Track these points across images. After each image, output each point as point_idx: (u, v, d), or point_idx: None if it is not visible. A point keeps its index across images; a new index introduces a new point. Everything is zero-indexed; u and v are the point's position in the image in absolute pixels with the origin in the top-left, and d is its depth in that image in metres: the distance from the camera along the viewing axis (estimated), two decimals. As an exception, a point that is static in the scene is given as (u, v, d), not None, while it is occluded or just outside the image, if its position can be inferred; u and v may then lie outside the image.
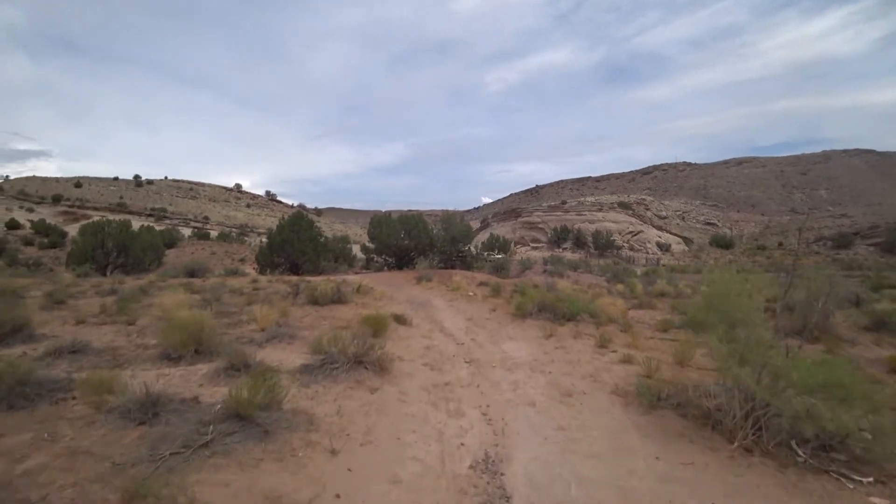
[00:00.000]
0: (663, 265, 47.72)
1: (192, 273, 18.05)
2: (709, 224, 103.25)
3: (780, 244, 69.76)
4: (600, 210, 57.65)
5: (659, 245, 56.32)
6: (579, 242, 53.54)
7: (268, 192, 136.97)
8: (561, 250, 52.19)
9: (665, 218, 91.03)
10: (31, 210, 73.67)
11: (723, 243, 65.83)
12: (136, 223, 61.20)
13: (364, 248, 24.90)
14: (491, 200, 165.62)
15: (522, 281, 18.44)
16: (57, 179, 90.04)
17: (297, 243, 19.51)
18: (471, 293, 12.51)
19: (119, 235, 33.62)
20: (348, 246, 35.85)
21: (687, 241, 63.27)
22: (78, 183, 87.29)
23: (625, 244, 55.09)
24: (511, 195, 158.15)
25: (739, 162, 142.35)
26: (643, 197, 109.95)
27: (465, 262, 21.89)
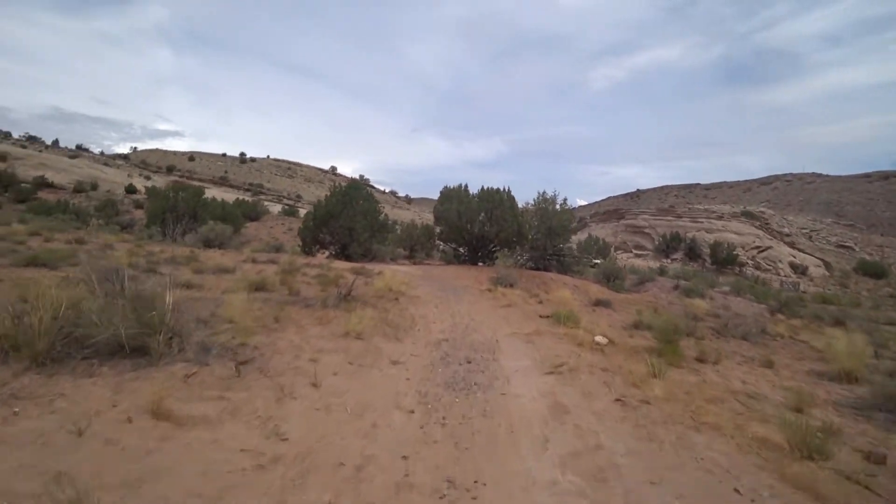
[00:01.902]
0: (803, 291, 37.78)
1: (207, 242, 14.28)
2: (843, 247, 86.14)
3: (954, 279, 54.61)
4: (720, 218, 47.85)
5: (793, 266, 45.62)
6: (692, 254, 44.71)
7: (361, 177, 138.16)
8: (670, 261, 43.91)
9: (789, 235, 76.85)
10: (148, 178, 78.31)
11: (874, 271, 52.51)
12: (234, 195, 61.98)
13: (423, 230, 19.24)
14: (586, 203, 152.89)
15: (651, 300, 12.09)
16: (175, 153, 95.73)
17: (345, 218, 14.68)
18: (599, 338, 6.06)
19: (191, 201, 31.63)
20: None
21: (826, 264, 51.27)
22: (191, 157, 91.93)
23: (749, 261, 45.28)
24: (609, 198, 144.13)
25: (885, 176, 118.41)
26: (762, 209, 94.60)
27: (562, 263, 15.86)
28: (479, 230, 14.44)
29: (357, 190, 16.17)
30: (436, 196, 16.24)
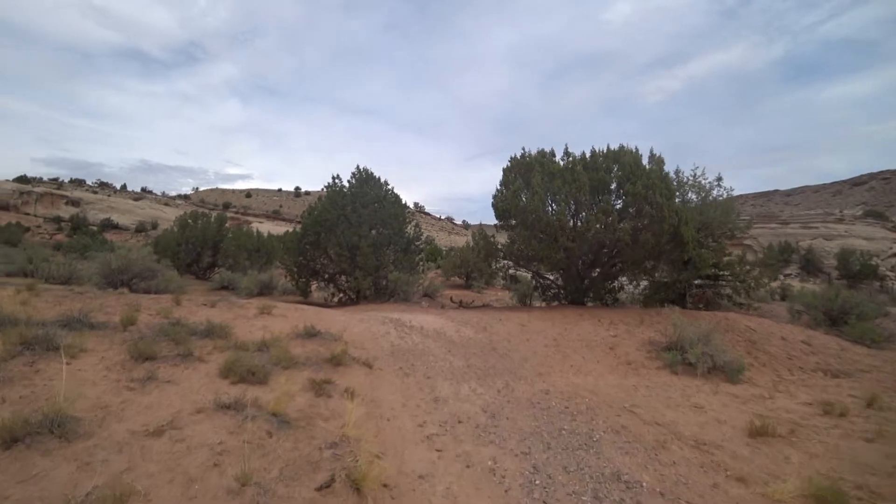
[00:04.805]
0: None
1: (113, 283, 8.27)
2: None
3: None
4: (841, 221, 37.73)
5: (952, 276, 34.79)
6: (811, 266, 35.09)
7: (416, 204, 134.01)
8: (783, 277, 34.58)
9: (908, 240, 63.08)
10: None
11: None
12: (285, 228, 58.69)
13: (481, 246, 10.99)
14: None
15: None
16: (233, 191, 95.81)
17: (343, 232, 8.31)
18: None
19: (207, 233, 26.77)
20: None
21: None
22: (248, 194, 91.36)
23: (889, 272, 34.93)
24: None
25: None
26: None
27: (719, 293, 8.59)
28: (594, 234, 7.18)
29: (370, 185, 9.80)
30: (494, 221, 9.25)
